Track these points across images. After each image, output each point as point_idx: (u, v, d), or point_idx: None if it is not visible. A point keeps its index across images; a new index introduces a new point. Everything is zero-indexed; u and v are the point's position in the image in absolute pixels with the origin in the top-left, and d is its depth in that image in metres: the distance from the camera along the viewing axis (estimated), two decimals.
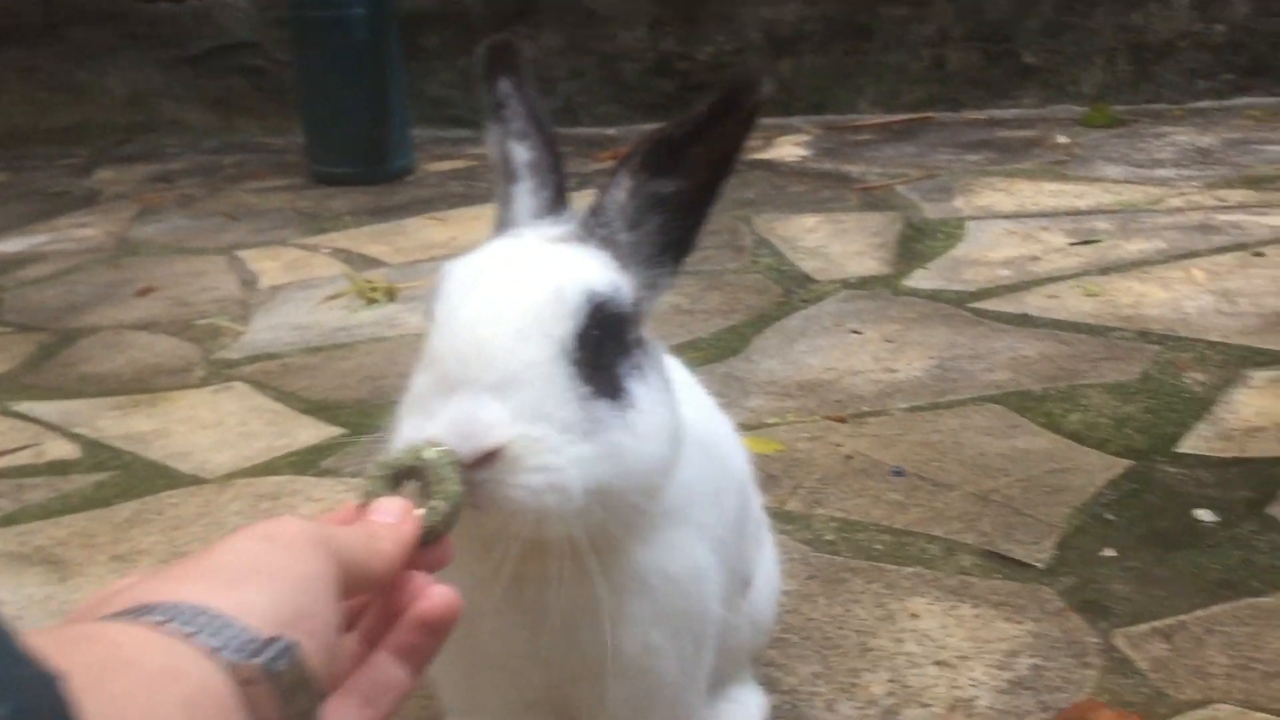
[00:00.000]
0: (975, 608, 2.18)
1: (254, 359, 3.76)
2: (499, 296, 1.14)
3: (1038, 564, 2.32)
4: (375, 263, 4.65)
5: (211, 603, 0.74)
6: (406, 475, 1.06)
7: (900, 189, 5.13)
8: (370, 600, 0.98)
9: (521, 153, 1.33)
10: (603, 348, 1.18)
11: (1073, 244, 4.24)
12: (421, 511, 1.02)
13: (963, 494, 2.60)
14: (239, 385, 3.55)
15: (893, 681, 1.99)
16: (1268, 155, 5.30)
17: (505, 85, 1.34)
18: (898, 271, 4.11)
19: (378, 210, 5.41)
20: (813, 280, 4.09)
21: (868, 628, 2.14)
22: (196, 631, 0.71)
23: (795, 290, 4.01)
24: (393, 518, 0.99)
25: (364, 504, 1.03)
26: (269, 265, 4.71)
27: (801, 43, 6.71)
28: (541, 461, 1.08)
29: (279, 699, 0.73)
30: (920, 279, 4.02)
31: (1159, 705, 1.89)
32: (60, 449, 3.20)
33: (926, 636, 2.11)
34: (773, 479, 2.70)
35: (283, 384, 3.54)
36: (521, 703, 1.37)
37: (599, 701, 1.35)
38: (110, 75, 7.36)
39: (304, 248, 4.93)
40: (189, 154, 6.91)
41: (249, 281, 4.55)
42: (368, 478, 1.07)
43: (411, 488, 1.06)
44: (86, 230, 5.42)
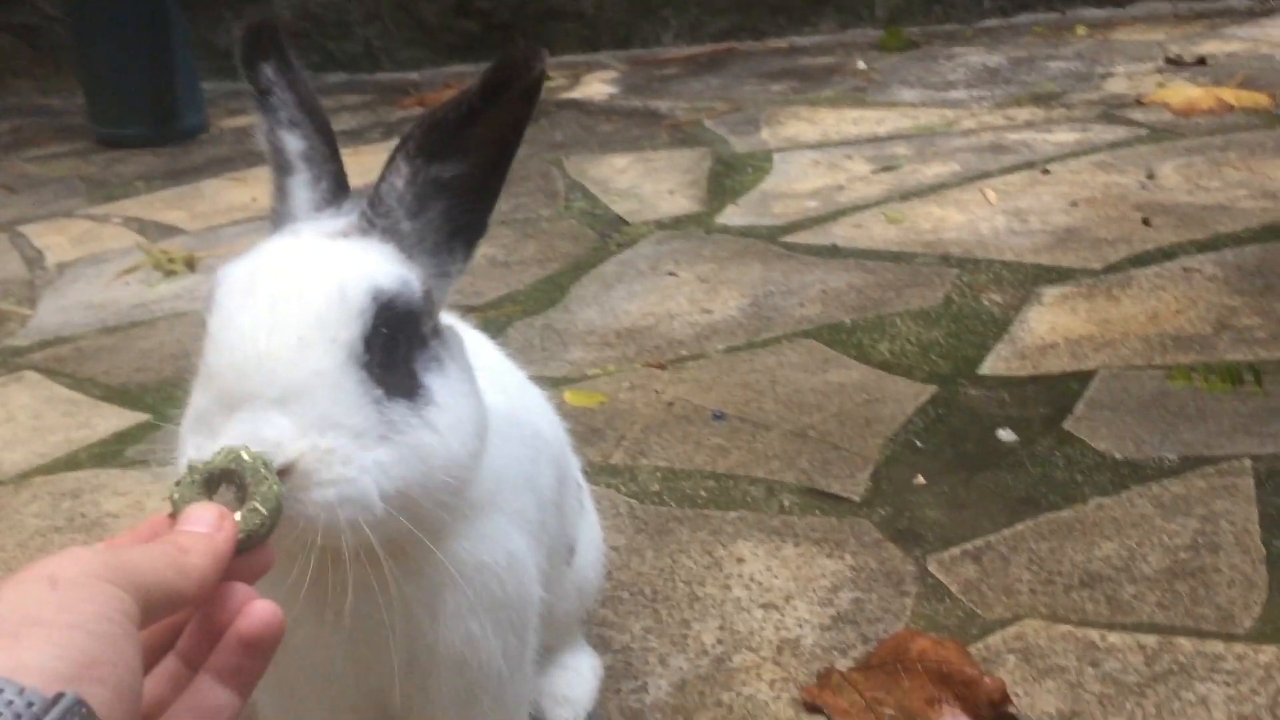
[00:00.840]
0: (798, 546, 2.24)
1: (44, 344, 3.55)
2: (277, 302, 1.08)
3: (854, 497, 2.39)
4: (172, 231, 4.43)
5: None
6: (221, 479, 1.00)
7: (708, 124, 5.16)
8: (187, 616, 0.93)
9: (293, 142, 1.26)
10: (394, 346, 1.13)
11: (875, 171, 4.35)
12: (239, 516, 0.96)
13: (781, 433, 2.65)
14: (29, 375, 3.34)
15: (722, 629, 2.03)
16: (1050, 72, 5.53)
17: (268, 71, 1.26)
18: (710, 209, 4.14)
19: (171, 173, 5.15)
20: (626, 223, 4.09)
21: (696, 577, 2.18)
22: None
23: (610, 235, 4.00)
24: (205, 527, 0.92)
25: (174, 514, 0.97)
26: (55, 240, 4.44)
27: None
28: (334, 474, 1.04)
29: None
30: (732, 215, 4.06)
31: (971, 626, 1.98)
32: None
33: (753, 580, 2.15)
34: (596, 432, 2.71)
35: (78, 370, 3.35)
36: (341, 709, 1.34)
37: (424, 699, 1.33)
38: None
39: (93, 219, 4.66)
40: None
41: (34, 259, 4.28)
42: (177, 485, 1.00)
43: (226, 493, 0.99)
44: None
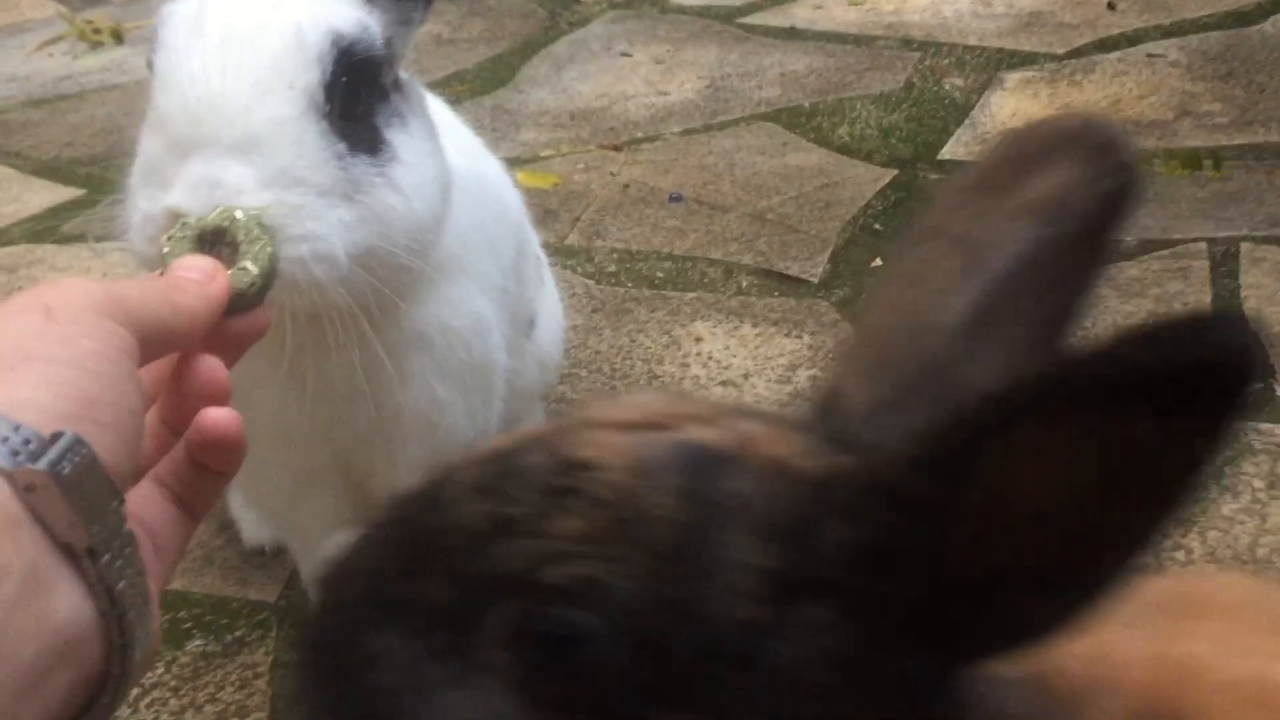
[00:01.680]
0: (755, 326, 2.24)
1: None
2: (230, 43, 1.01)
3: (812, 279, 2.38)
4: (96, 0, 4.19)
5: None
6: (213, 238, 0.94)
7: None
8: (169, 371, 0.86)
9: None
10: (355, 96, 1.07)
11: None
12: (229, 273, 0.89)
13: (739, 215, 2.62)
14: None
15: None
16: None
17: None
18: None
19: None
20: (578, 1, 3.92)
21: (654, 355, 2.17)
22: None
23: (560, 12, 3.84)
24: (199, 274, 0.85)
25: (164, 270, 0.89)
26: None
27: None
28: (303, 230, 0.99)
29: (69, 502, 0.64)
30: None
31: None
32: None
33: (711, 359, 2.15)
34: (550, 214, 2.65)
35: (5, 144, 3.20)
36: (304, 473, 1.33)
37: (389, 462, 1.32)
38: None
39: None
40: None
41: None
42: (168, 239, 0.93)
43: (219, 252, 0.93)
44: None
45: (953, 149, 2.84)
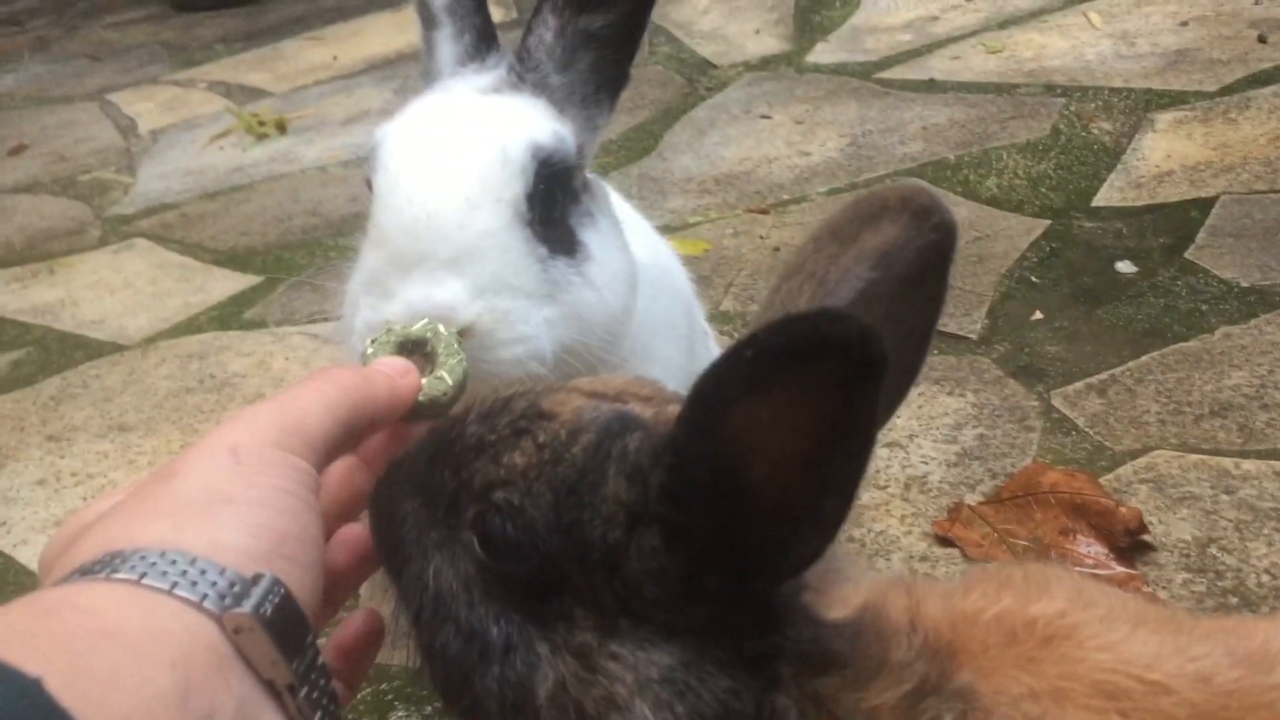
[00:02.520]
0: (917, 386, 2.24)
1: (150, 212, 3.61)
2: (442, 163, 1.09)
3: (971, 335, 2.38)
4: (258, 93, 4.44)
5: (184, 544, 0.68)
6: (414, 347, 1.01)
7: None
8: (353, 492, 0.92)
9: None
10: (552, 202, 1.14)
11: None
12: (425, 381, 0.97)
13: None
14: (140, 242, 3.42)
15: None
16: None
17: None
18: (799, 47, 4.03)
19: (251, 35, 5.13)
20: (714, 66, 4.00)
21: None
22: (175, 583, 0.66)
23: (698, 78, 3.92)
24: (392, 372, 0.93)
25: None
26: (145, 107, 4.47)
27: None
28: (516, 333, 1.06)
29: (270, 640, 0.68)
30: (822, 53, 3.95)
31: (1100, 459, 1.99)
32: None
33: None
34: (703, 280, 2.70)
35: (186, 235, 3.41)
36: None
37: None
38: None
39: (179, 84, 4.68)
40: None
41: (127, 128, 4.33)
42: (373, 342, 1.01)
43: (417, 360, 1.00)
44: None
45: (1107, 195, 2.81)
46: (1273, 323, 2.24)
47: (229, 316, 2.92)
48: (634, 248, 1.34)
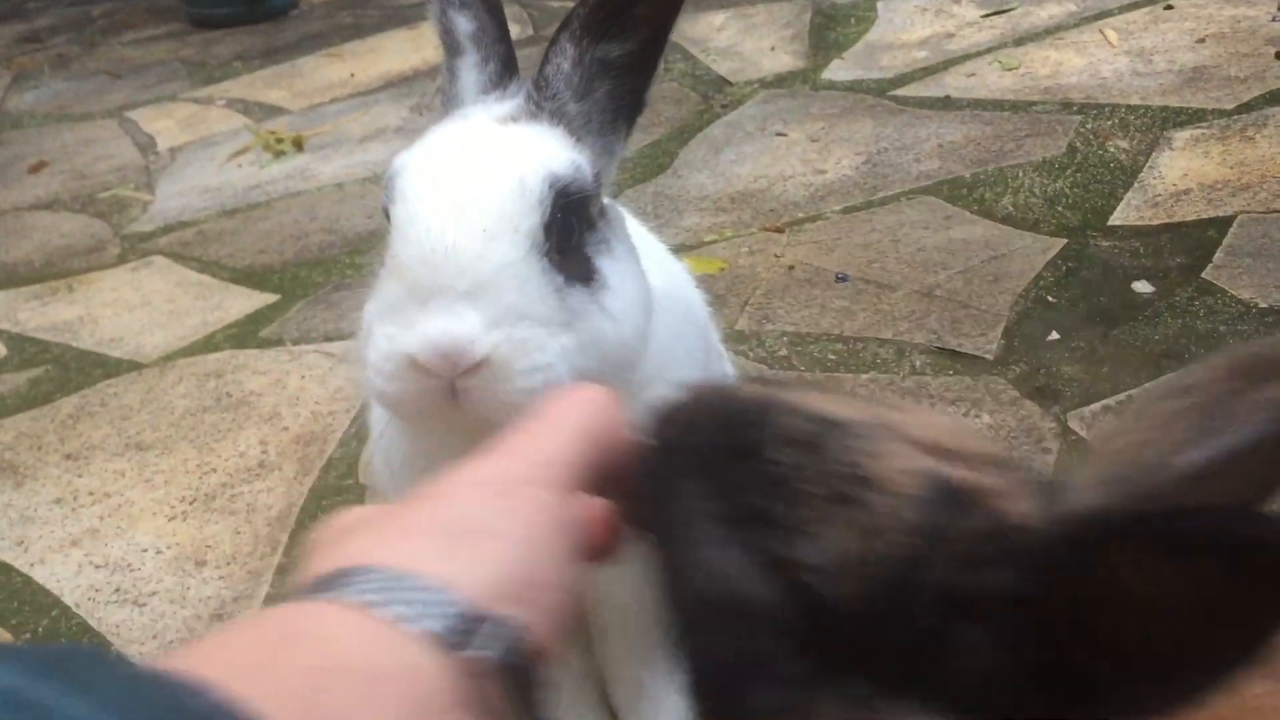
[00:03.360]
0: (933, 407, 2.24)
1: (168, 229, 3.64)
2: (460, 194, 1.09)
3: (987, 356, 2.37)
4: (276, 110, 4.46)
5: (427, 570, 0.65)
6: None
7: None
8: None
9: (464, 23, 1.26)
10: (569, 231, 1.14)
11: (985, 15, 4.19)
12: None
13: (907, 293, 2.63)
14: (158, 259, 3.44)
15: None
16: None
17: None
18: (814, 64, 4.03)
19: (268, 52, 5.16)
20: (729, 83, 4.01)
21: None
22: (415, 616, 0.63)
23: (713, 96, 3.93)
24: None
25: None
26: (164, 125, 4.50)
27: None
28: (533, 362, 1.06)
29: (502, 687, 0.63)
30: (838, 70, 3.96)
31: None
32: None
33: None
34: (719, 299, 2.70)
35: (203, 253, 3.43)
36: None
37: (601, 600, 1.37)
38: None
39: (197, 101, 4.71)
40: (53, 7, 6.49)
41: (146, 145, 4.35)
42: None
43: None
44: None
45: (1123, 214, 2.80)
46: None
47: (246, 334, 2.94)
48: (649, 272, 1.34)
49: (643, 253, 1.39)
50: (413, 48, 4.81)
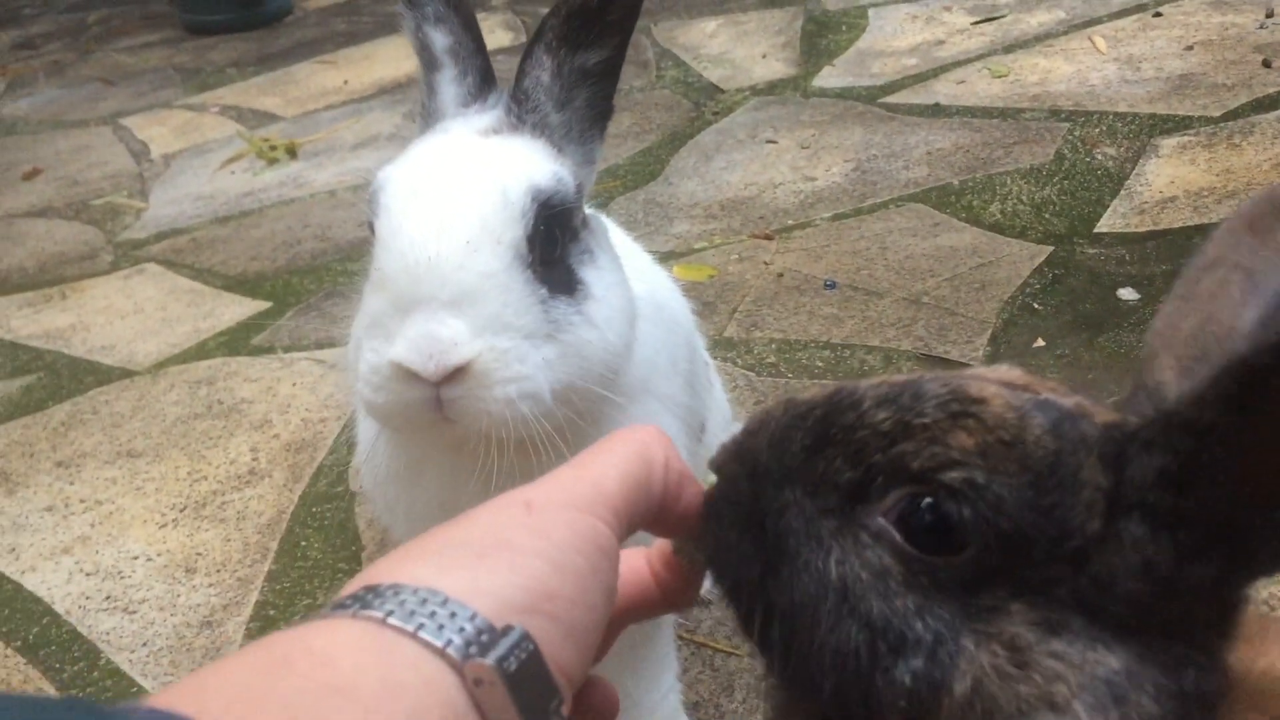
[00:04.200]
0: None
1: (161, 236, 3.65)
2: (442, 207, 1.11)
3: (974, 362, 2.39)
4: (269, 117, 4.48)
5: (442, 583, 0.65)
6: None
7: None
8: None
9: (439, 38, 1.27)
10: (552, 242, 1.16)
11: (975, 23, 4.21)
12: None
13: (895, 300, 2.65)
14: (151, 267, 3.45)
15: None
16: None
17: None
18: (805, 72, 4.05)
19: (262, 59, 5.17)
20: (721, 90, 4.03)
21: None
22: (421, 625, 0.63)
23: (704, 103, 3.95)
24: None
25: None
26: (158, 132, 4.51)
27: None
28: (512, 372, 1.08)
29: (513, 699, 0.63)
30: (829, 77, 3.98)
31: None
32: None
33: None
34: (708, 306, 2.72)
35: (196, 260, 3.44)
36: None
37: None
38: None
39: (191, 108, 4.72)
40: (48, 14, 6.50)
41: (140, 152, 4.37)
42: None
43: None
44: None
45: (1110, 221, 2.82)
46: None
47: (238, 342, 2.95)
48: (633, 282, 1.35)
49: (626, 262, 1.40)
50: (406, 55, 4.82)
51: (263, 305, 3.11)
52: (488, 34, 1.42)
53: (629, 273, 1.36)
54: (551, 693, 0.65)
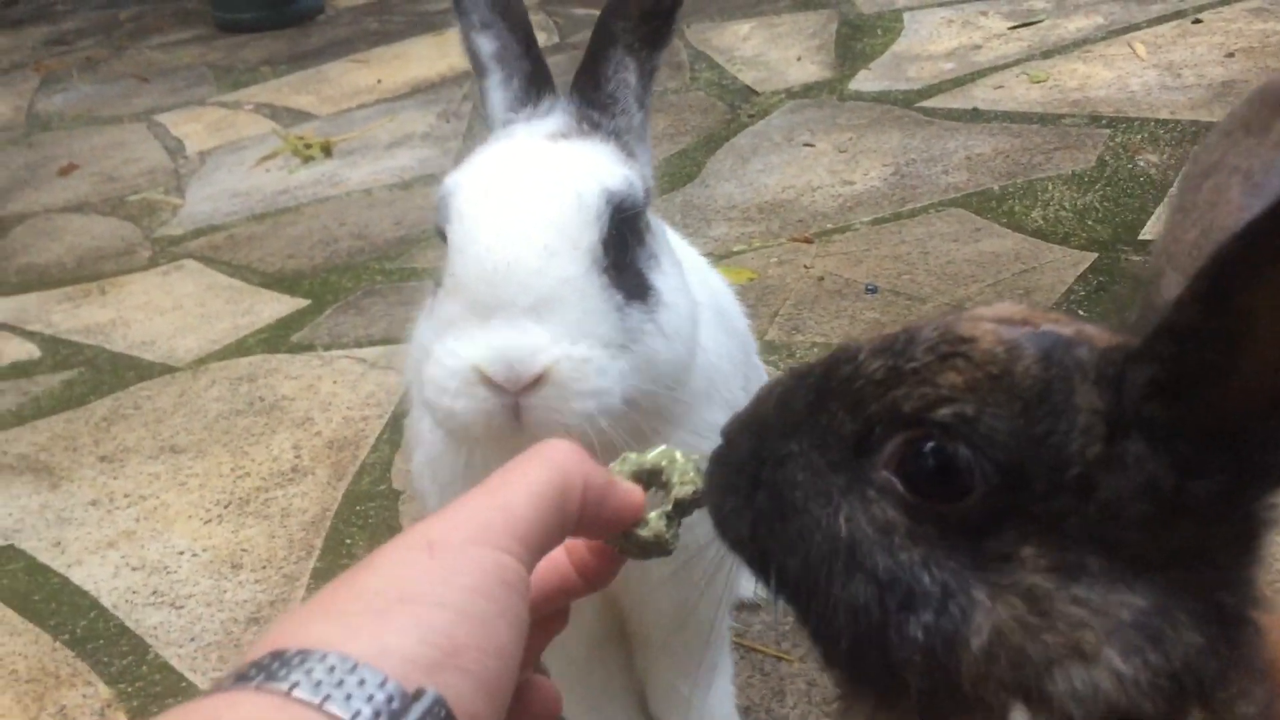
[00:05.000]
0: None
1: (198, 233, 3.66)
2: (518, 212, 1.10)
3: None
4: (303, 116, 4.49)
5: (350, 647, 0.63)
6: (650, 479, 0.91)
7: None
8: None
9: (485, 44, 1.27)
10: (624, 246, 1.15)
11: (1012, 27, 4.19)
12: (653, 516, 0.87)
13: (937, 305, 2.64)
14: (189, 263, 3.46)
15: None
16: None
17: None
18: (841, 75, 4.04)
19: (295, 57, 5.19)
20: (756, 93, 4.02)
21: None
22: (327, 696, 0.61)
23: (740, 105, 3.94)
24: (622, 503, 0.84)
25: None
26: (192, 129, 4.53)
27: None
28: (592, 385, 1.07)
29: None
30: (864, 81, 3.97)
31: None
32: (18, 349, 3.12)
33: None
34: (749, 309, 2.70)
35: (234, 257, 3.46)
36: (592, 638, 1.40)
37: (644, 609, 1.38)
38: None
39: (225, 105, 4.74)
40: (82, 10, 6.54)
41: (175, 149, 4.38)
42: (613, 470, 0.92)
43: (654, 497, 0.91)
44: None
45: (1154, 228, 2.80)
46: None
47: (277, 339, 2.96)
48: (693, 286, 1.35)
49: (684, 265, 1.40)
50: (439, 54, 4.84)
51: (301, 303, 3.12)
52: None
53: (689, 276, 1.36)
54: None
